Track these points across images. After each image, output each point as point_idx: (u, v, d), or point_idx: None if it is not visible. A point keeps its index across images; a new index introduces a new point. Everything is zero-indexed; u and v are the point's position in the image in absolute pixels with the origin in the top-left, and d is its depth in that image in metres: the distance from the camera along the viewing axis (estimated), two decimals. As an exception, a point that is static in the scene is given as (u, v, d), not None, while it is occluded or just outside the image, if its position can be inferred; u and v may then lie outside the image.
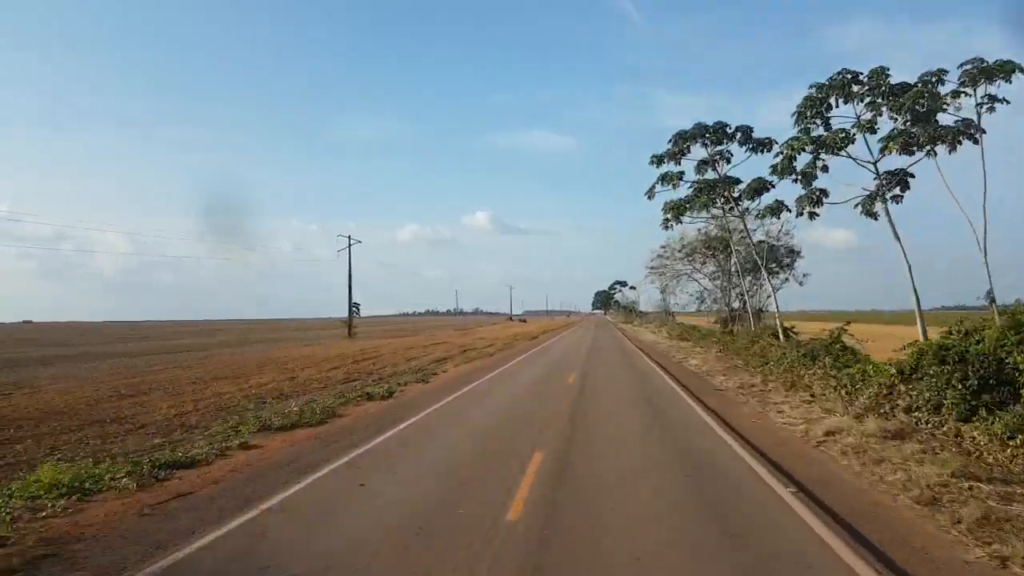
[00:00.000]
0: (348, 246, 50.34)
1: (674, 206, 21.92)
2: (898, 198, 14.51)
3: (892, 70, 13.68)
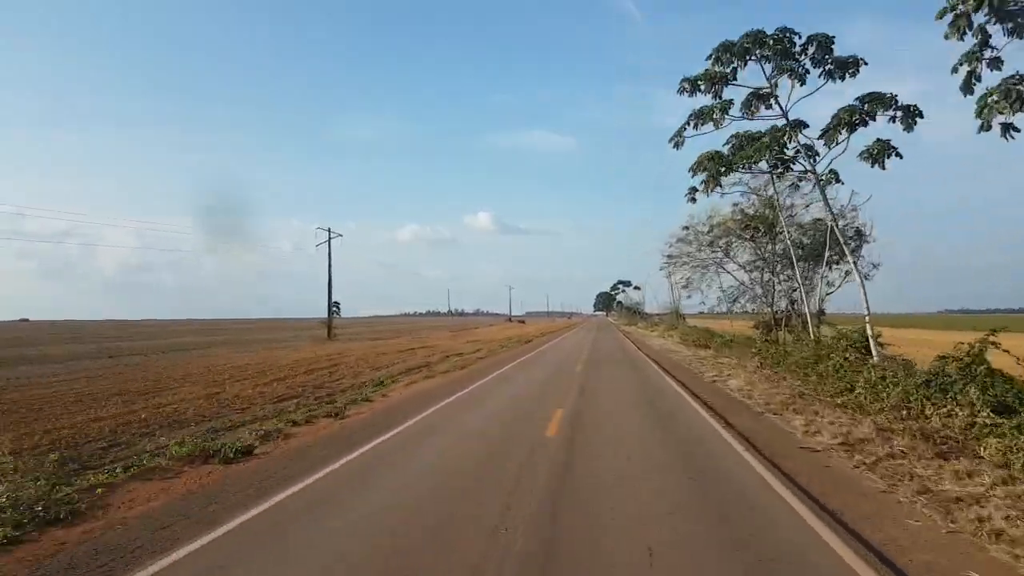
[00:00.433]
0: (328, 239, 46.01)
1: (713, 158, 14.35)
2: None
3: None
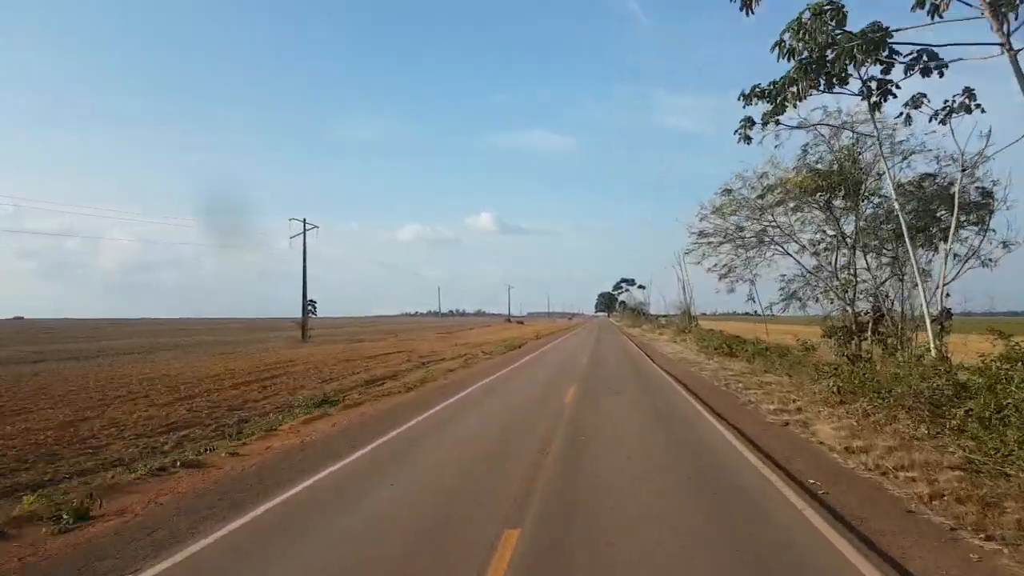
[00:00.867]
0: (303, 231, 42.09)
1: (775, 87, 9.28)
2: None
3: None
